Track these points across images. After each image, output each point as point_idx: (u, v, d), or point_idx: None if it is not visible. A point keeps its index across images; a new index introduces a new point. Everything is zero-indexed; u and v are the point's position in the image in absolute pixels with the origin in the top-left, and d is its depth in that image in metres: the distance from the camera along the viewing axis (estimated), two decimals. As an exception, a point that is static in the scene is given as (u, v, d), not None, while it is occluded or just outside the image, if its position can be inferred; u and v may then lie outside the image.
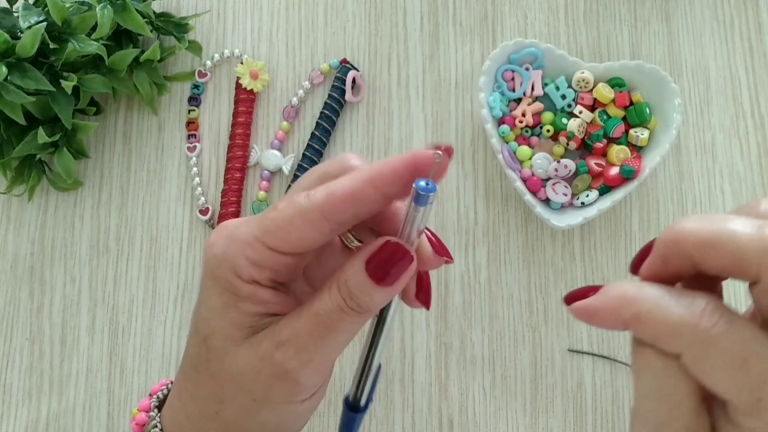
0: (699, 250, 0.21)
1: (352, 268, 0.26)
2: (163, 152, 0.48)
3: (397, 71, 0.49)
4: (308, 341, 0.27)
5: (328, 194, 0.26)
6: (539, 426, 0.43)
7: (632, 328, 0.23)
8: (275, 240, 0.26)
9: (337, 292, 0.26)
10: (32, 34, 0.40)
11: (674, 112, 0.44)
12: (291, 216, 0.26)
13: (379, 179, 0.26)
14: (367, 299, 0.26)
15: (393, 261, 0.26)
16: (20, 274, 0.46)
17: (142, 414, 0.31)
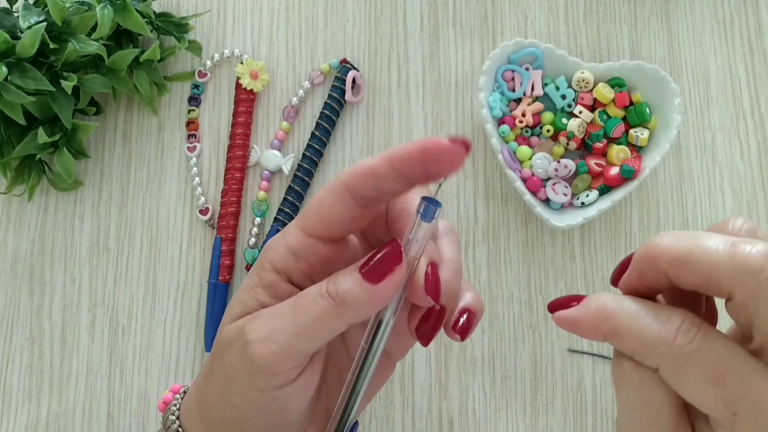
0: (673, 267, 0.22)
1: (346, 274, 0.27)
2: (163, 152, 0.48)
3: (397, 71, 0.49)
4: (276, 315, 0.27)
5: (351, 169, 0.27)
6: (539, 426, 0.43)
7: (611, 341, 0.23)
8: (312, 222, 0.28)
9: (325, 280, 0.27)
10: (32, 34, 0.40)
11: (674, 112, 0.44)
12: (322, 195, 0.28)
13: (396, 158, 0.26)
14: (347, 288, 0.26)
15: (382, 257, 0.26)
16: (20, 274, 0.46)
17: (170, 394, 0.33)
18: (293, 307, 0.27)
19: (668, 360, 0.22)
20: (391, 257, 0.26)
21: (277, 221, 0.46)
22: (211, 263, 0.45)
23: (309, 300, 0.26)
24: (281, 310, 0.27)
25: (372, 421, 0.43)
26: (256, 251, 0.46)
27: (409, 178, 0.26)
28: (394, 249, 0.26)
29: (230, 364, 0.27)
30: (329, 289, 0.26)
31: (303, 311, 0.26)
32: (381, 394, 0.44)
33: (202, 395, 0.29)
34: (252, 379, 0.27)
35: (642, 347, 0.22)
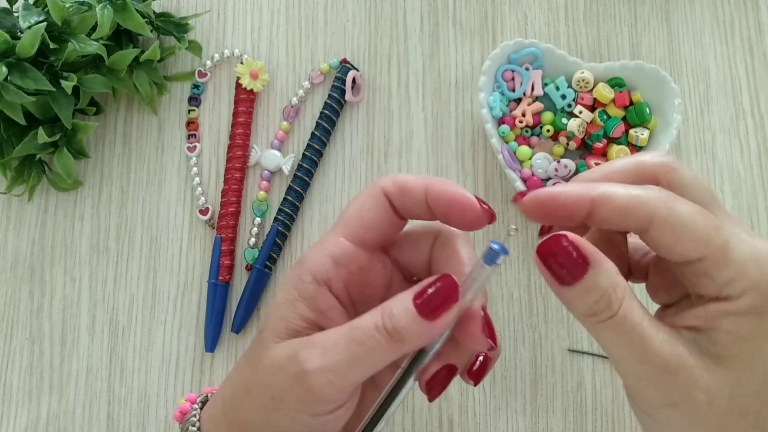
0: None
1: (402, 294, 0.27)
2: (163, 152, 0.48)
3: (397, 71, 0.49)
4: (334, 347, 0.27)
5: (391, 178, 0.29)
6: (539, 426, 0.43)
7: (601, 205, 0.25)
8: (353, 228, 0.29)
9: (380, 312, 0.27)
10: (32, 34, 0.40)
11: (674, 112, 0.44)
12: (361, 201, 0.29)
13: (431, 190, 0.28)
14: (404, 325, 0.26)
15: (439, 294, 0.26)
16: (20, 274, 0.46)
17: (187, 404, 0.32)
18: (349, 340, 0.26)
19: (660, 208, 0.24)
20: (448, 293, 0.26)
21: (277, 221, 0.46)
22: (211, 263, 0.45)
23: (365, 334, 0.26)
24: (337, 340, 0.27)
25: (372, 421, 0.43)
26: (256, 251, 0.46)
27: (433, 212, 0.28)
28: (450, 285, 0.26)
29: (280, 388, 0.27)
30: (386, 325, 0.26)
31: (360, 344, 0.26)
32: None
33: (235, 410, 0.29)
34: (305, 405, 0.27)
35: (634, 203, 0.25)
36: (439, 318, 0.26)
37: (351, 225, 0.29)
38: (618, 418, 0.43)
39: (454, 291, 0.26)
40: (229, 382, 0.30)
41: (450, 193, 0.28)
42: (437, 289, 0.26)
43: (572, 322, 0.45)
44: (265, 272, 0.45)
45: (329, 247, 0.29)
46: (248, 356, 0.30)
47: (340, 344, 0.26)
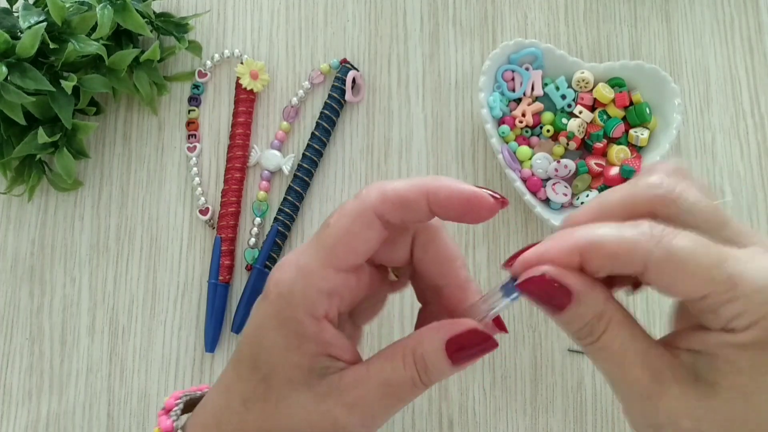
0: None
1: (431, 344, 0.26)
2: (163, 152, 0.48)
3: (397, 71, 0.49)
4: (375, 409, 0.27)
5: (380, 195, 0.26)
6: (539, 426, 0.43)
7: (590, 254, 0.24)
8: (340, 253, 0.27)
9: (413, 365, 0.26)
10: (32, 34, 0.40)
11: (674, 112, 0.44)
12: (348, 225, 0.26)
13: (434, 198, 0.26)
14: (440, 376, 0.26)
15: (475, 346, 0.26)
16: (20, 274, 0.46)
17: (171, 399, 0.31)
18: (385, 395, 0.27)
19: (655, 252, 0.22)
20: (486, 347, 0.26)
21: (277, 221, 0.46)
22: (211, 263, 0.45)
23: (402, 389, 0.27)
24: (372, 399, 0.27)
25: (372, 421, 0.43)
26: (256, 251, 0.46)
27: (439, 215, 0.27)
28: (486, 340, 0.26)
29: None
30: (423, 379, 0.27)
31: (398, 399, 0.27)
32: (381, 394, 0.44)
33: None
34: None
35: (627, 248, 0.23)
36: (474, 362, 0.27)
37: (339, 253, 0.27)
38: (618, 418, 0.43)
39: (490, 340, 0.26)
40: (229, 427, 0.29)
41: (460, 196, 0.26)
42: (473, 342, 0.26)
43: (572, 322, 0.45)
44: (265, 272, 0.45)
45: (319, 282, 0.27)
46: (251, 402, 0.28)
47: (379, 405, 0.27)
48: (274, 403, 0.27)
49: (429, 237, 0.29)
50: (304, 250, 0.28)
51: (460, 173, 0.47)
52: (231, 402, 0.29)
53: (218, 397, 0.29)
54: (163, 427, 0.30)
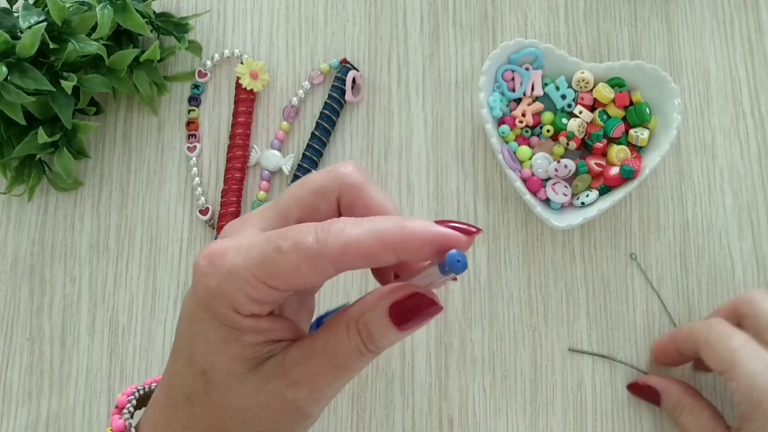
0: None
1: (375, 311, 0.26)
2: (163, 152, 0.48)
3: (397, 71, 0.49)
4: (323, 382, 0.26)
5: (342, 247, 0.24)
6: (539, 426, 0.43)
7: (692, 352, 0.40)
8: (279, 282, 0.25)
9: (357, 334, 0.26)
10: (32, 34, 0.40)
11: (674, 112, 0.44)
12: (298, 262, 0.24)
13: (401, 249, 0.24)
14: (387, 342, 0.26)
15: (420, 310, 0.26)
16: (20, 274, 0.46)
17: (124, 397, 0.30)
18: (334, 367, 0.26)
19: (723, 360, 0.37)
20: (431, 310, 0.26)
21: (277, 221, 0.46)
22: (211, 263, 0.45)
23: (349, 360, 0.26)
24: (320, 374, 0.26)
25: (372, 421, 0.43)
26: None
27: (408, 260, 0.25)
28: (431, 303, 0.26)
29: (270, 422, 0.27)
30: (370, 348, 0.26)
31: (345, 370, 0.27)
32: (381, 394, 0.44)
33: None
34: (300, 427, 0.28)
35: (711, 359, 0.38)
36: (421, 326, 0.26)
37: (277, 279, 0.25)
38: (618, 418, 0.43)
39: (435, 303, 0.26)
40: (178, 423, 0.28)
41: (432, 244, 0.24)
42: (417, 305, 0.26)
43: (572, 322, 0.45)
44: (265, 272, 0.45)
45: (249, 291, 0.25)
46: (194, 397, 0.27)
47: (326, 377, 0.26)
48: (219, 395, 0.27)
49: (354, 196, 0.28)
50: (241, 251, 0.26)
51: (460, 173, 0.47)
52: (174, 398, 0.28)
53: (162, 395, 0.29)
54: (115, 426, 0.29)
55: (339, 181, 0.28)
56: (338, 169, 0.28)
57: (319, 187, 0.28)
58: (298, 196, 0.28)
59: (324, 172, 0.28)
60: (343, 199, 0.28)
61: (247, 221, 0.28)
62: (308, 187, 0.28)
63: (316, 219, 0.28)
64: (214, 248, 0.26)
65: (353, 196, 0.28)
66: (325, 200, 0.28)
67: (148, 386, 0.33)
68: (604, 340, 0.45)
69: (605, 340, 0.45)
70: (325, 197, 0.28)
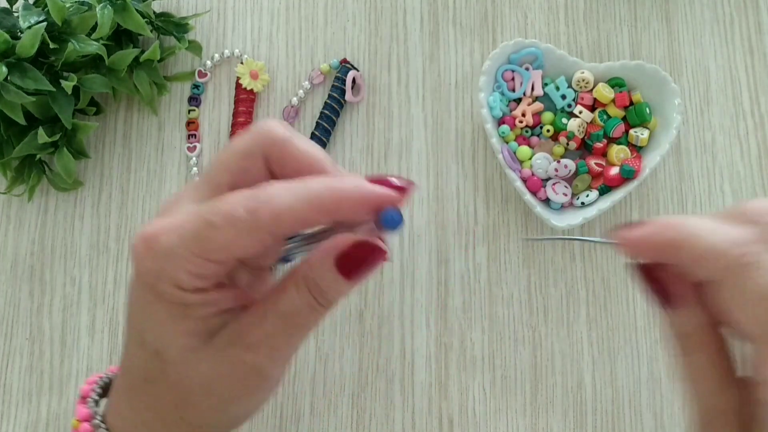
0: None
1: (322, 266, 0.26)
2: (163, 152, 0.48)
3: (397, 71, 0.49)
4: (280, 341, 0.27)
5: (274, 216, 0.24)
6: (539, 426, 0.43)
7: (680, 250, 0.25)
8: (217, 256, 0.25)
9: (307, 291, 0.26)
10: (32, 34, 0.40)
11: (674, 112, 0.44)
12: (233, 236, 0.24)
13: (335, 211, 0.25)
14: (337, 294, 0.26)
15: (365, 257, 0.26)
16: (20, 274, 0.46)
17: (86, 425, 0.29)
18: (289, 325, 0.27)
19: (730, 269, 0.24)
20: (377, 258, 0.26)
21: (277, 221, 0.46)
22: (211, 263, 0.45)
23: (302, 316, 0.27)
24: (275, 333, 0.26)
25: (372, 420, 0.43)
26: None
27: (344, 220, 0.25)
28: (375, 250, 0.26)
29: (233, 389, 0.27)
30: (323, 303, 0.26)
31: (299, 328, 0.27)
32: (381, 394, 0.44)
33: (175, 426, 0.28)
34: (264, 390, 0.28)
35: (711, 251, 0.24)
36: (370, 275, 0.26)
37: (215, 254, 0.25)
38: (618, 418, 0.43)
39: (379, 250, 0.26)
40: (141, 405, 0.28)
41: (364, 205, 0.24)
42: (363, 253, 0.26)
43: (572, 322, 0.45)
44: (265, 272, 0.45)
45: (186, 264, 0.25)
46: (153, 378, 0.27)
47: (283, 336, 0.27)
48: (177, 372, 0.27)
49: (281, 151, 0.27)
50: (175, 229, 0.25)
51: (460, 173, 0.47)
52: (133, 382, 0.28)
53: (122, 380, 0.29)
54: (80, 416, 0.29)
55: (263, 138, 0.27)
56: (260, 127, 0.28)
57: (244, 149, 0.28)
58: (226, 162, 0.28)
59: (246, 133, 0.28)
60: (270, 156, 0.28)
61: (180, 197, 0.28)
62: (233, 150, 0.28)
63: (247, 182, 0.27)
64: (148, 230, 0.26)
65: (280, 151, 0.27)
66: (252, 161, 0.28)
67: (112, 374, 0.32)
68: (604, 340, 0.45)
69: (605, 340, 0.45)
70: (252, 158, 0.27)
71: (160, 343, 0.27)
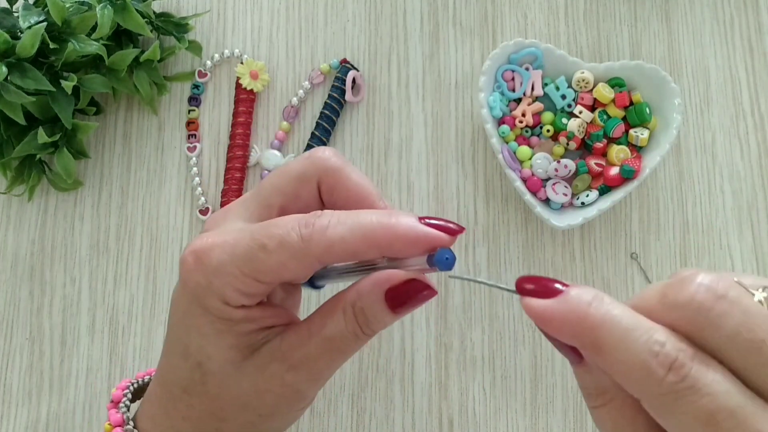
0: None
1: (372, 297, 0.26)
2: (163, 152, 0.48)
3: (397, 71, 0.49)
4: (321, 364, 0.27)
5: (327, 246, 0.25)
6: (539, 426, 0.43)
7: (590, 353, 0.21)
8: (266, 277, 0.26)
9: (353, 319, 0.27)
10: (32, 34, 0.40)
11: (674, 112, 0.44)
12: (285, 260, 0.25)
13: (386, 247, 0.25)
14: (382, 325, 0.27)
15: (416, 294, 0.26)
16: (20, 274, 0.46)
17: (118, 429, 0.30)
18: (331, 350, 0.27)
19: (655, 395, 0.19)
20: (426, 295, 0.26)
21: (277, 221, 0.46)
22: (211, 263, 0.45)
23: (345, 344, 0.27)
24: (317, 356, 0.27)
25: (372, 421, 0.43)
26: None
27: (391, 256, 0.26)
28: (425, 288, 0.26)
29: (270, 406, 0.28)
30: (366, 332, 0.27)
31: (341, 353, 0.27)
32: (381, 394, 0.44)
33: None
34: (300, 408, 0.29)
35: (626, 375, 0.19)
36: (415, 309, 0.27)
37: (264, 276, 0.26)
38: (618, 418, 0.43)
39: (429, 288, 0.26)
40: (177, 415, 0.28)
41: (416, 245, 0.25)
42: (413, 290, 0.26)
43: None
44: (265, 272, 0.45)
45: (237, 285, 0.26)
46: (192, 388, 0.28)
47: (324, 360, 0.27)
48: (217, 384, 0.27)
49: (334, 180, 0.28)
50: (228, 246, 0.26)
51: (460, 173, 0.47)
52: (172, 391, 0.28)
53: (159, 388, 0.29)
54: (113, 420, 0.30)
55: (318, 166, 0.28)
56: (316, 154, 0.29)
57: (299, 174, 0.28)
58: (279, 184, 0.28)
59: (303, 159, 0.29)
60: (323, 183, 0.29)
61: (229, 212, 0.29)
62: (288, 174, 0.29)
63: (297, 206, 0.28)
64: (199, 244, 0.27)
65: (333, 180, 0.28)
66: (305, 186, 0.29)
67: (141, 379, 0.33)
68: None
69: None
70: (306, 183, 0.28)
71: (203, 355, 0.27)
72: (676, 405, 0.19)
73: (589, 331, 0.20)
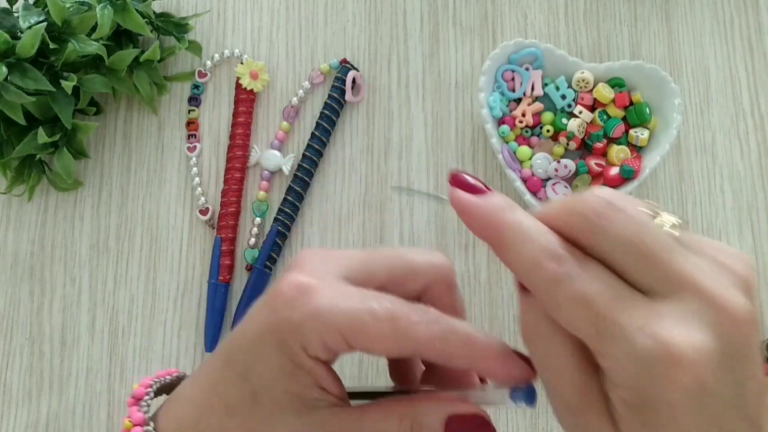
0: None
1: (432, 417, 0.26)
2: (163, 152, 0.48)
3: (397, 71, 0.49)
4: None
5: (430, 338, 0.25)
6: (539, 426, 0.43)
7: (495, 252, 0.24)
8: (358, 343, 0.25)
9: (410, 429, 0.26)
10: (32, 34, 0.40)
11: (674, 112, 0.44)
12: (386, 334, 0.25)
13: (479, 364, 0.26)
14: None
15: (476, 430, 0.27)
16: (20, 274, 0.46)
17: (138, 429, 0.29)
18: None
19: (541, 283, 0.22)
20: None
21: (277, 221, 0.46)
22: (211, 263, 0.45)
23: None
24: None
25: (372, 421, 0.43)
26: (256, 251, 0.46)
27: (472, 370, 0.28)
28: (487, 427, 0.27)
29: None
30: None
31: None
32: (381, 394, 0.44)
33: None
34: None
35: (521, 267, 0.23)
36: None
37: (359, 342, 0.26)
38: (618, 418, 0.43)
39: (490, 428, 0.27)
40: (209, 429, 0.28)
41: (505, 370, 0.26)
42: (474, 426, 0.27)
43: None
44: (265, 272, 0.45)
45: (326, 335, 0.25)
46: (235, 411, 0.27)
47: None
48: (259, 420, 0.27)
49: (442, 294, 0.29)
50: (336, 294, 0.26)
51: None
52: (213, 402, 0.28)
53: (199, 393, 0.28)
54: (135, 418, 0.29)
55: (437, 273, 0.29)
56: (438, 261, 0.29)
57: (415, 269, 0.29)
58: (392, 265, 0.28)
59: (425, 256, 0.29)
60: (431, 289, 0.29)
61: (331, 260, 0.28)
62: (405, 261, 0.29)
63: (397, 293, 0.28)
64: (303, 280, 0.26)
65: (442, 293, 0.29)
66: (414, 282, 0.29)
67: (163, 378, 0.32)
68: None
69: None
70: (416, 280, 0.29)
71: (262, 386, 0.27)
72: (558, 291, 0.22)
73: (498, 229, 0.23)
